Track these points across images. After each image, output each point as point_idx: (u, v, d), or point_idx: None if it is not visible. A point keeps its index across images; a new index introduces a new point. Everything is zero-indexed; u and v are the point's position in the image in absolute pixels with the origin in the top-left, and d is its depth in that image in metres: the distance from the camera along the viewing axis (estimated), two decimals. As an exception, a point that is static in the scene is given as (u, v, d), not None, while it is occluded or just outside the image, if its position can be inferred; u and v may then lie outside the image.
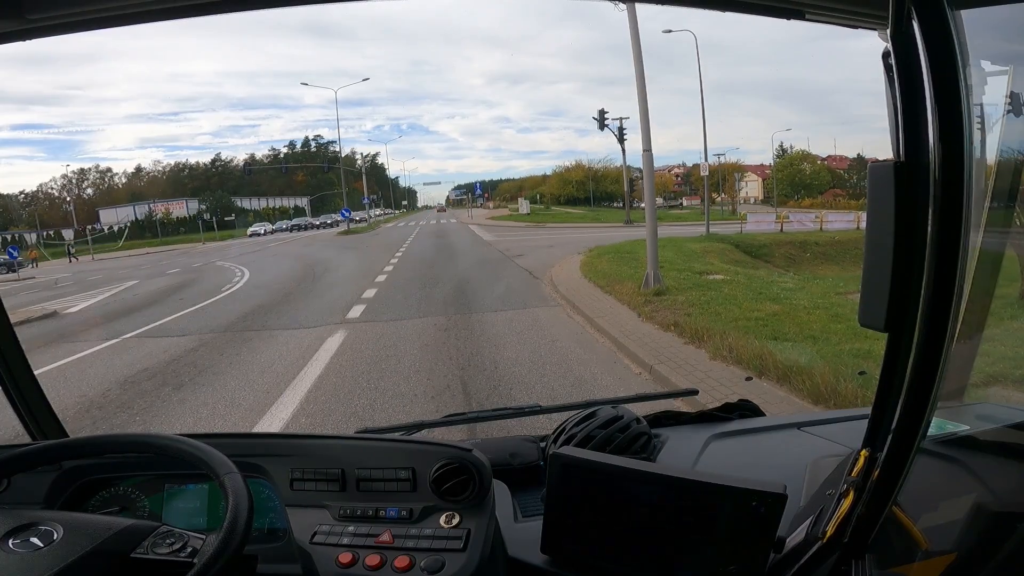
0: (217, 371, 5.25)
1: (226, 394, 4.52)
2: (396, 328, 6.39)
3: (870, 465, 0.73)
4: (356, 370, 4.89)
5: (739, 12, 0.84)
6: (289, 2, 0.88)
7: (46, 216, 47.53)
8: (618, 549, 0.81)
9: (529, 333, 5.83)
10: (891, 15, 0.60)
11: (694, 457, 1.11)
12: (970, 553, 0.72)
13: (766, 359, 4.14)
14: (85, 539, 0.65)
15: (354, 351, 5.51)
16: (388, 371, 4.80)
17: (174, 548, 0.67)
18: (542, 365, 4.70)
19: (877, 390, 0.72)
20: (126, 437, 0.78)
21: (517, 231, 24.05)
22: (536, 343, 5.44)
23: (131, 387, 4.95)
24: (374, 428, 1.32)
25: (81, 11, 0.81)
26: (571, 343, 5.45)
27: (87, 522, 0.69)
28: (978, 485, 0.78)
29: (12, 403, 1.09)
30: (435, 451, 0.88)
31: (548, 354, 5.04)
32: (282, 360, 5.39)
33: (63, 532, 0.65)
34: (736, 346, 4.52)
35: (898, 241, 0.61)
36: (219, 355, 5.85)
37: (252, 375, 5.01)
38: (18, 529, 0.65)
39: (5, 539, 0.64)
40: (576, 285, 8.36)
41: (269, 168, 56.47)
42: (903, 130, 0.61)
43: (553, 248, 14.51)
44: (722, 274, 8.97)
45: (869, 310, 0.66)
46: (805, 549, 0.78)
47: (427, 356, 5.17)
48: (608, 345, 5.36)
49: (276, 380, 4.76)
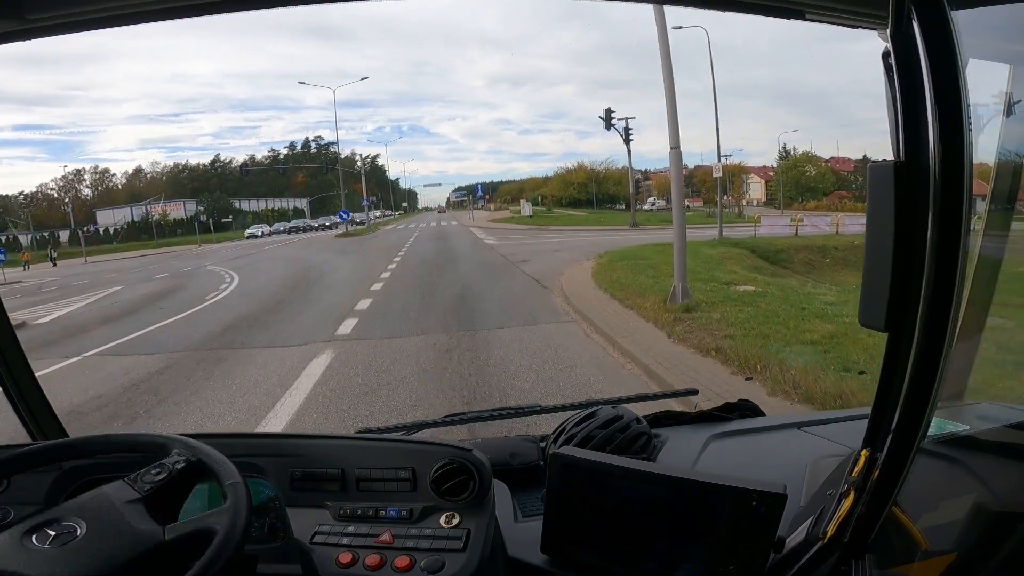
0: (178, 401, 4.60)
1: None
2: (391, 348, 5.69)
3: (870, 465, 0.73)
4: (341, 404, 4.17)
5: (739, 12, 0.84)
6: (289, 2, 0.88)
7: (44, 217, 47.47)
8: (618, 549, 0.82)
9: (542, 356, 5.11)
10: (891, 15, 0.60)
11: (694, 457, 1.11)
12: (970, 553, 0.72)
13: (848, 399, 3.34)
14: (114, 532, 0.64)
15: (341, 378, 4.81)
16: (379, 406, 4.07)
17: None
18: (560, 399, 3.86)
19: (877, 390, 0.72)
20: (127, 437, 0.78)
21: (520, 234, 23.34)
22: (551, 370, 4.71)
23: (75, 420, 4.23)
24: (374, 428, 1.32)
25: (81, 11, 0.81)
26: (593, 370, 4.69)
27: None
28: (978, 485, 0.78)
29: (12, 403, 1.09)
30: (435, 451, 0.88)
31: (567, 384, 4.32)
32: (257, 389, 4.72)
33: (85, 528, 0.64)
34: (802, 381, 3.69)
35: (898, 241, 0.61)
36: (185, 380, 5.17)
37: (218, 408, 4.34)
38: (37, 527, 0.63)
39: (26, 537, 0.61)
40: (590, 296, 7.62)
41: (268, 169, 56.40)
42: (903, 130, 0.61)
43: (560, 253, 13.83)
44: (751, 285, 8.08)
45: (869, 310, 0.66)
46: (805, 549, 0.78)
47: (427, 387, 4.46)
48: (637, 373, 4.59)
49: (245, 415, 4.12)
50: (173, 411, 4.40)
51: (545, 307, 7.48)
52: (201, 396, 4.69)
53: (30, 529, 0.62)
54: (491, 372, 4.75)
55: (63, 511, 0.65)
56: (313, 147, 62.54)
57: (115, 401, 4.75)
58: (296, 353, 5.72)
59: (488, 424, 2.18)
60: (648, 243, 13.74)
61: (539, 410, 1.38)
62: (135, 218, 47.93)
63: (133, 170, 55.94)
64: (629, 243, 14.30)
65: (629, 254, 11.62)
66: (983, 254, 0.90)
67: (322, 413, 4.06)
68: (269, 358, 5.67)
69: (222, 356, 5.96)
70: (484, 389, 4.34)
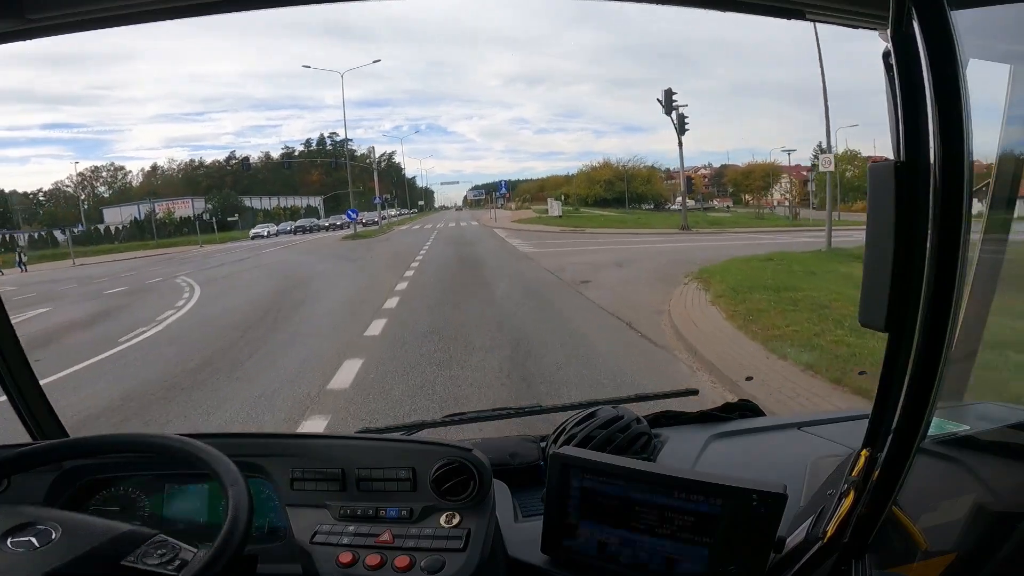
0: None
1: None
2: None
3: (870, 465, 0.73)
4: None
5: (739, 12, 0.84)
6: (289, 1, 0.88)
7: (61, 215, 47.13)
8: (618, 549, 0.82)
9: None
10: (891, 15, 0.60)
11: (694, 457, 1.11)
12: (970, 553, 0.72)
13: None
14: (82, 542, 0.65)
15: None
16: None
17: (163, 559, 0.67)
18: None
19: (877, 390, 0.72)
20: (127, 437, 0.78)
21: (556, 239, 19.36)
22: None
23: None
24: (374, 428, 1.32)
25: (81, 11, 0.81)
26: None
27: (86, 524, 0.69)
28: (978, 485, 0.78)
29: (12, 403, 1.09)
30: (435, 451, 0.88)
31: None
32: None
33: (61, 533, 0.65)
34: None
35: (898, 241, 0.61)
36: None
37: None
38: (17, 528, 0.65)
39: (4, 538, 0.64)
40: (777, 379, 3.91)
41: (280, 164, 55.40)
42: (903, 130, 0.61)
43: (625, 269, 10.30)
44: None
45: (869, 310, 0.66)
46: (805, 549, 0.78)
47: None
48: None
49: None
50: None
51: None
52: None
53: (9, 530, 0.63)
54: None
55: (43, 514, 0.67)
56: (329, 144, 61.24)
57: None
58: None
59: (488, 424, 2.18)
60: (734, 254, 10.60)
61: (539, 410, 1.38)
62: (140, 216, 47.36)
63: (150, 167, 55.44)
64: (706, 254, 10.87)
65: (743, 276, 7.87)
66: (983, 254, 0.90)
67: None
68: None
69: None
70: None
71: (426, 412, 3.83)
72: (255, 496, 0.71)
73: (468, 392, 4.24)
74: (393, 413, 3.94)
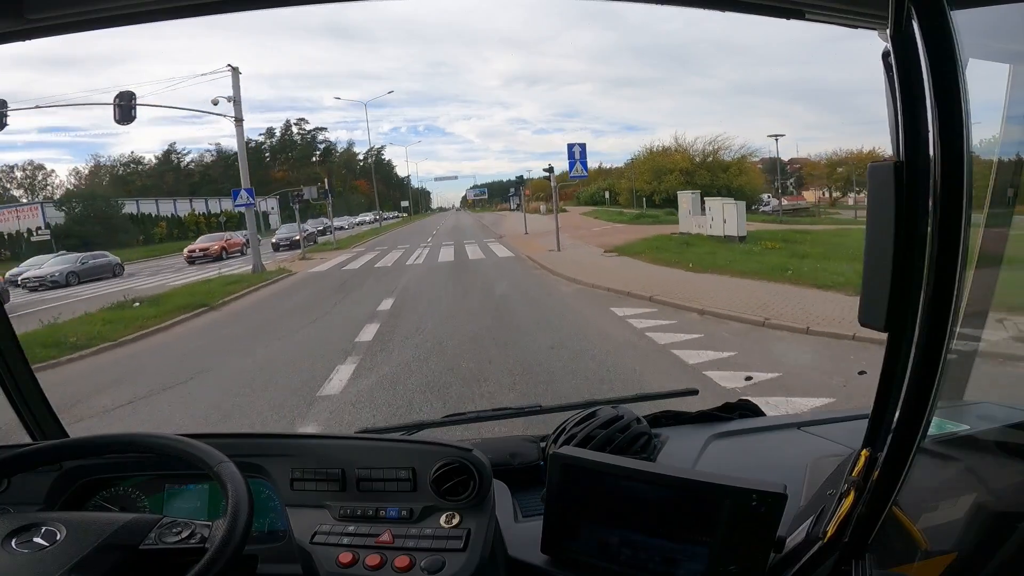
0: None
1: None
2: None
3: (870, 465, 0.73)
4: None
5: (739, 12, 0.84)
6: (290, 1, 0.88)
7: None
8: (618, 549, 0.81)
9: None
10: (891, 15, 0.60)
11: (694, 457, 1.11)
12: (970, 553, 0.72)
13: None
14: (90, 536, 0.65)
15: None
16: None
17: (182, 536, 0.68)
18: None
19: (877, 390, 0.72)
20: (127, 437, 0.78)
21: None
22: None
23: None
24: (374, 428, 1.32)
25: (81, 11, 0.81)
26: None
27: (89, 520, 0.69)
28: (978, 485, 0.78)
29: (12, 403, 1.09)
30: (435, 451, 0.88)
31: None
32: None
33: (66, 531, 0.65)
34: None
35: (898, 241, 0.61)
36: None
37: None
38: (20, 530, 0.65)
39: (7, 540, 0.64)
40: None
41: (229, 159, 42.35)
42: (903, 130, 0.61)
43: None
44: None
45: (869, 310, 0.66)
46: (805, 549, 0.78)
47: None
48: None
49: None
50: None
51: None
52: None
53: (10, 533, 0.64)
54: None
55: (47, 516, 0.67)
56: (295, 132, 51.38)
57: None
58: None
59: (488, 424, 2.18)
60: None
61: (539, 410, 1.38)
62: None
63: (88, 166, 43.54)
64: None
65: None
66: (983, 254, 0.90)
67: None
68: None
69: None
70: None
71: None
72: (255, 496, 0.71)
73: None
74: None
